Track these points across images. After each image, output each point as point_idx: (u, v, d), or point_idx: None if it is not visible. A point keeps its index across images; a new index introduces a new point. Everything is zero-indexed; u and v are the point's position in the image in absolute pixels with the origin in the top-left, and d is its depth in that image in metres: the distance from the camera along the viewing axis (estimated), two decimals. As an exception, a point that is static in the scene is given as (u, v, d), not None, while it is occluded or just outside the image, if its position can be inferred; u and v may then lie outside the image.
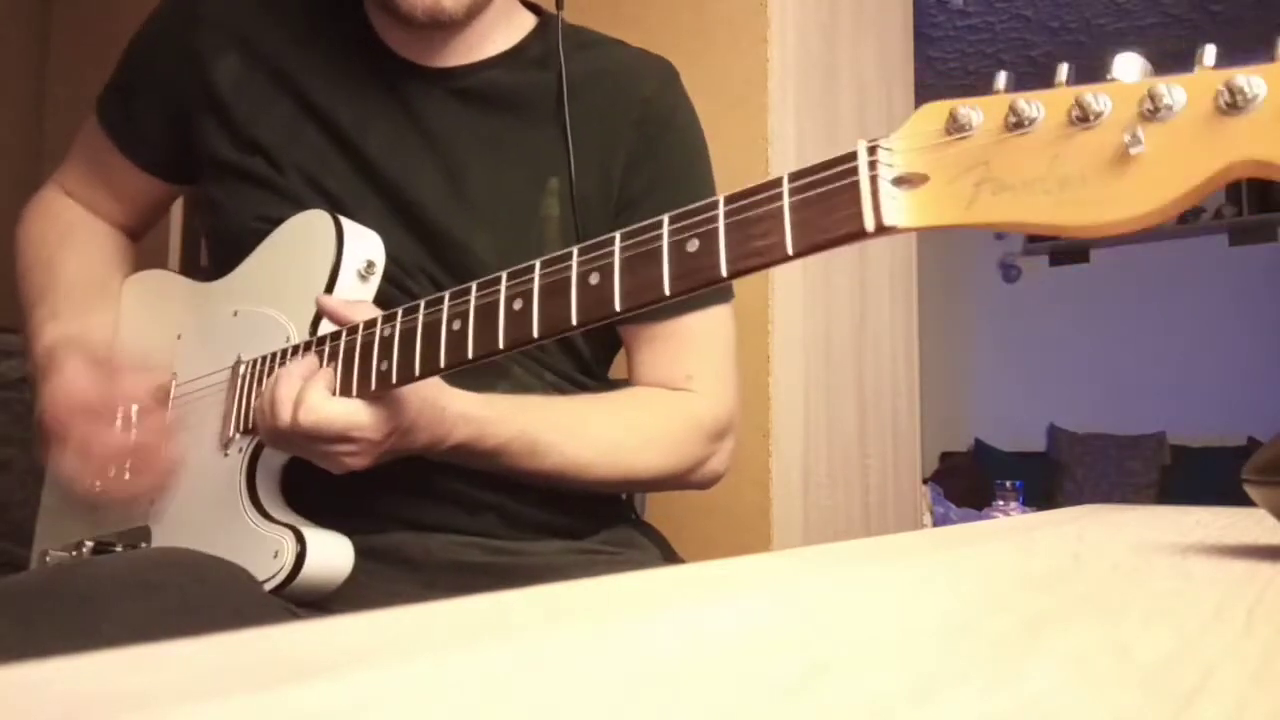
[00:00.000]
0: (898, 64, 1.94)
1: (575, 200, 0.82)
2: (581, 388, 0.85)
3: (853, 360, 1.64)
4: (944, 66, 4.65)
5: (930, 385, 2.79)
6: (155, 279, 0.93)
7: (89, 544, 0.81)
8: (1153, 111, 0.38)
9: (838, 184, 0.46)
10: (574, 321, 0.56)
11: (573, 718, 0.16)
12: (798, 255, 0.47)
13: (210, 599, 0.63)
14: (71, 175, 0.97)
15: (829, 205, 0.46)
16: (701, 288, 0.51)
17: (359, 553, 0.72)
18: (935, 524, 2.26)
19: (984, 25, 4.37)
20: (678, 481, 0.84)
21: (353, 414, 0.65)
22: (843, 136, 1.63)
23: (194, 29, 0.86)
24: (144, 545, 0.78)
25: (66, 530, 0.85)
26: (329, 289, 0.73)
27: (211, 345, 0.81)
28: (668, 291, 0.51)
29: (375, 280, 0.75)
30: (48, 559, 0.84)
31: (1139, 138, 0.38)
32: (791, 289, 1.45)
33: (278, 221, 0.80)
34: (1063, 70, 0.41)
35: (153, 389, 0.80)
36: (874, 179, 0.44)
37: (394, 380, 0.63)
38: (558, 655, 0.21)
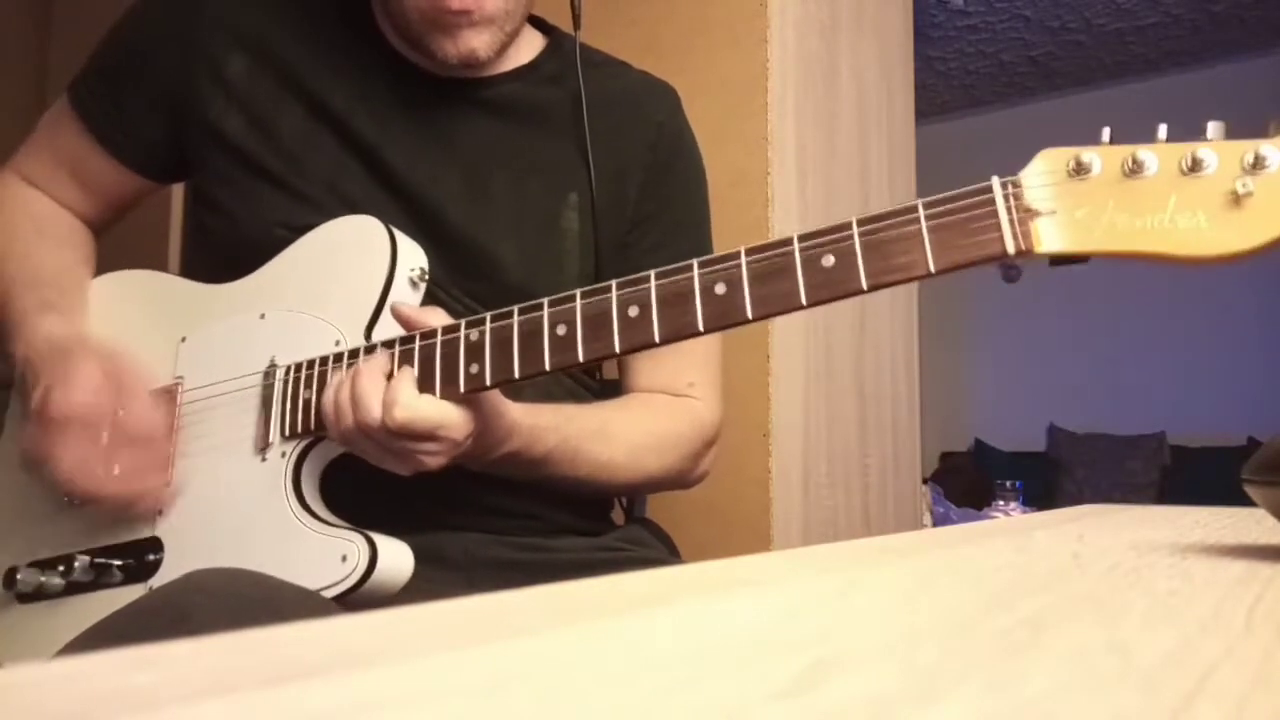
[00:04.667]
0: (898, 64, 1.94)
1: (595, 215, 0.85)
2: (590, 390, 0.88)
3: (853, 360, 1.64)
4: (944, 66, 4.65)
5: (930, 385, 2.79)
6: (141, 279, 0.88)
7: (83, 559, 0.74)
8: (1252, 165, 0.47)
9: (977, 211, 0.52)
10: (700, 328, 0.58)
11: (573, 717, 0.16)
12: (940, 272, 0.53)
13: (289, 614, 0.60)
14: (35, 164, 0.91)
15: (968, 229, 0.52)
16: (836, 299, 0.56)
17: None
18: (935, 524, 2.25)
19: (984, 25, 4.37)
20: (676, 482, 0.87)
21: (444, 413, 0.64)
22: (843, 137, 1.63)
23: (197, 20, 0.83)
24: (151, 558, 0.74)
25: (35, 543, 0.78)
26: (384, 295, 0.73)
27: (230, 349, 0.78)
28: (804, 302, 0.56)
29: (423, 288, 0.75)
30: (19, 577, 0.76)
31: (1249, 185, 0.46)
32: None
33: (299, 229, 0.78)
34: (1162, 130, 0.49)
35: (159, 397, 0.77)
36: (1009, 208, 0.51)
37: (487, 382, 0.64)
38: (558, 655, 0.21)
